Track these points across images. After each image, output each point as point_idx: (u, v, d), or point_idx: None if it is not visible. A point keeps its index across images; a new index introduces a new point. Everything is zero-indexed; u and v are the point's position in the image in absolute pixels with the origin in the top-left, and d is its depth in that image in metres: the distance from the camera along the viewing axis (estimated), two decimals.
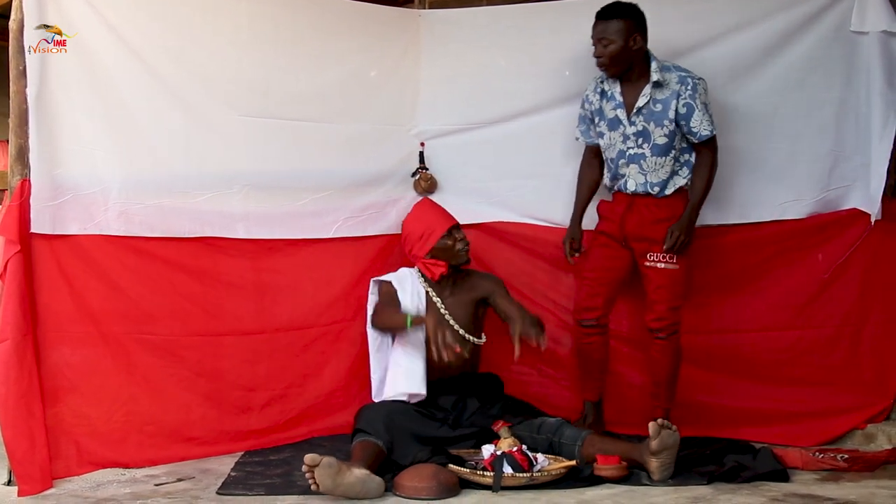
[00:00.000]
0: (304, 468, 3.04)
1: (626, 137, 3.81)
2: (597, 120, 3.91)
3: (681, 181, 3.82)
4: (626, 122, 3.80)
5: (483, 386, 3.78)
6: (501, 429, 3.38)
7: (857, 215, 3.94)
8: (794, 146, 4.02)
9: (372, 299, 3.91)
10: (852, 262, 3.95)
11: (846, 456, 3.50)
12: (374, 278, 3.93)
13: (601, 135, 3.90)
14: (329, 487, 3.03)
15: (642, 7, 4.08)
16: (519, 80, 4.28)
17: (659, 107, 3.73)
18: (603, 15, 3.76)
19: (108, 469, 3.52)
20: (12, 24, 3.44)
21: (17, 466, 3.26)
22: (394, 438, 3.43)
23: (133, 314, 3.67)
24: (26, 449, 3.27)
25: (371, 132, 4.23)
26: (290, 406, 3.97)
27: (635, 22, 3.74)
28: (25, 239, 3.41)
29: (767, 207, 4.04)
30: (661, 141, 3.76)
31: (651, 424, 3.24)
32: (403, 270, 3.94)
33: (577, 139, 4.04)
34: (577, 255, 4.01)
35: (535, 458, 3.31)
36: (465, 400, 3.69)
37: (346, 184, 4.15)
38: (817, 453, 3.54)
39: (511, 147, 4.29)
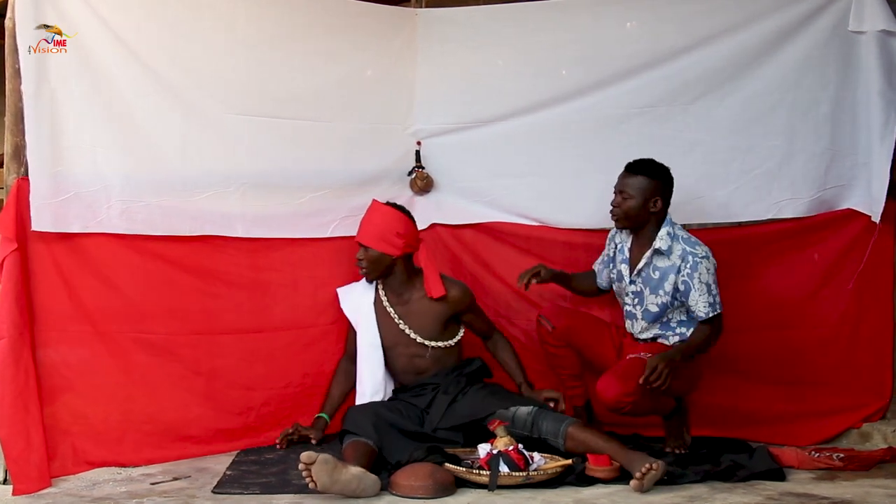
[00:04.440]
0: (300, 466, 3.04)
1: (626, 293, 3.79)
2: (611, 265, 3.88)
3: (666, 342, 3.73)
4: (626, 279, 3.77)
5: (456, 379, 3.76)
6: (497, 427, 3.38)
7: (853, 215, 3.94)
8: (791, 145, 4.02)
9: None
10: (848, 263, 3.95)
11: (842, 455, 3.50)
12: (339, 289, 3.98)
13: (613, 281, 3.88)
14: (326, 485, 3.03)
15: (636, 7, 4.10)
16: (516, 79, 4.28)
17: (657, 274, 3.67)
18: (631, 168, 3.71)
19: (105, 468, 3.52)
20: (8, 23, 3.44)
21: (12, 465, 3.26)
22: (382, 437, 3.45)
23: (131, 313, 3.68)
24: (23, 448, 3.27)
25: (367, 131, 4.23)
26: (288, 405, 3.97)
27: (661, 184, 3.68)
28: (23, 236, 3.41)
29: (763, 206, 4.04)
30: (653, 309, 3.69)
31: (633, 483, 3.17)
32: (362, 281, 3.94)
33: (594, 268, 4.01)
34: (531, 282, 3.85)
35: (532, 457, 3.31)
36: (435, 399, 3.69)
37: (343, 183, 4.16)
38: (813, 452, 3.54)
39: (508, 146, 4.29)
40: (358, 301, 3.91)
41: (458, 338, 3.87)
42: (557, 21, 4.25)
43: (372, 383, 3.81)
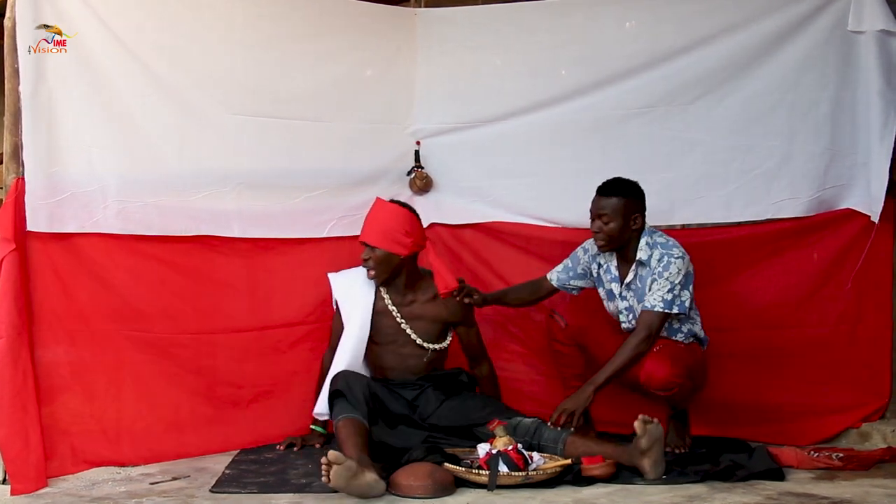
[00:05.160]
0: (323, 460, 3.00)
1: (619, 312, 3.78)
2: (598, 286, 3.85)
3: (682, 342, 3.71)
4: (619, 297, 3.75)
5: (446, 381, 3.76)
6: (497, 427, 3.38)
7: (853, 215, 3.94)
8: (790, 145, 4.02)
9: (334, 297, 3.88)
10: (848, 263, 3.95)
11: (841, 455, 3.49)
12: (330, 275, 3.87)
13: (604, 301, 3.84)
14: (341, 486, 3.03)
15: (635, 7, 4.10)
16: (515, 78, 4.28)
17: (640, 284, 3.66)
18: (604, 191, 3.66)
19: (104, 468, 3.53)
20: (7, 23, 3.45)
21: (9, 465, 3.26)
22: (370, 410, 3.44)
23: (126, 312, 3.69)
24: (20, 448, 3.27)
25: (366, 131, 4.23)
26: (277, 402, 3.96)
27: (637, 201, 3.66)
28: (21, 237, 3.41)
29: (763, 206, 4.04)
30: None
31: (637, 423, 3.22)
32: (359, 269, 3.82)
33: (548, 279, 3.93)
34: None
35: (531, 457, 3.31)
36: (425, 393, 3.69)
37: (341, 182, 4.16)
38: (812, 452, 3.53)
39: (507, 146, 4.30)
40: (355, 292, 3.80)
41: (448, 340, 3.85)
42: (556, 21, 4.25)
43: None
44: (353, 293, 3.81)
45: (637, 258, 3.65)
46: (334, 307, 3.89)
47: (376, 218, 3.75)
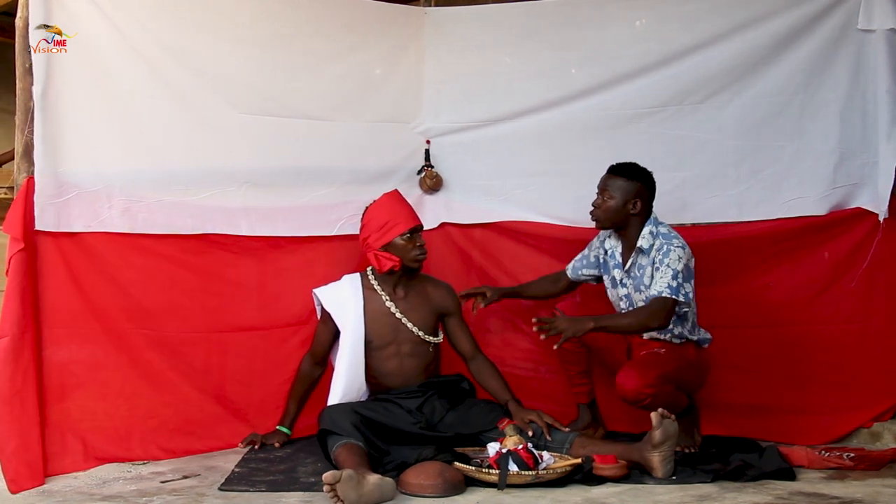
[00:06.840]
0: (325, 488, 2.95)
1: (619, 299, 3.77)
2: (604, 274, 3.84)
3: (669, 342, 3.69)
4: (619, 283, 3.75)
5: (449, 389, 3.74)
6: (507, 426, 3.38)
7: (864, 214, 3.93)
8: (800, 144, 4.02)
9: (318, 310, 3.84)
10: (858, 260, 3.94)
11: (852, 454, 3.48)
12: (316, 290, 3.81)
13: (608, 289, 3.84)
14: (353, 500, 2.95)
15: (644, 6, 4.10)
16: (525, 77, 4.28)
17: (640, 272, 3.65)
18: (614, 169, 3.70)
19: (114, 466, 3.54)
20: (18, 22, 3.47)
21: (6, 462, 3.25)
22: (364, 436, 3.39)
23: (137, 311, 3.70)
24: (16, 446, 3.27)
25: (374, 129, 4.24)
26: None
27: (643, 187, 3.66)
28: (30, 236, 3.42)
29: (774, 205, 4.04)
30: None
31: (653, 415, 3.24)
32: (344, 280, 3.82)
33: (566, 271, 3.97)
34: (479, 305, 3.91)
35: (541, 457, 3.31)
36: (430, 401, 3.66)
37: (350, 181, 4.16)
38: (823, 452, 3.52)
39: (517, 145, 4.30)
40: (344, 298, 3.75)
41: (441, 336, 3.82)
42: (566, 20, 4.25)
43: (355, 383, 3.69)
44: (343, 300, 3.76)
45: (637, 245, 3.65)
46: (318, 317, 3.85)
47: (409, 206, 3.79)
